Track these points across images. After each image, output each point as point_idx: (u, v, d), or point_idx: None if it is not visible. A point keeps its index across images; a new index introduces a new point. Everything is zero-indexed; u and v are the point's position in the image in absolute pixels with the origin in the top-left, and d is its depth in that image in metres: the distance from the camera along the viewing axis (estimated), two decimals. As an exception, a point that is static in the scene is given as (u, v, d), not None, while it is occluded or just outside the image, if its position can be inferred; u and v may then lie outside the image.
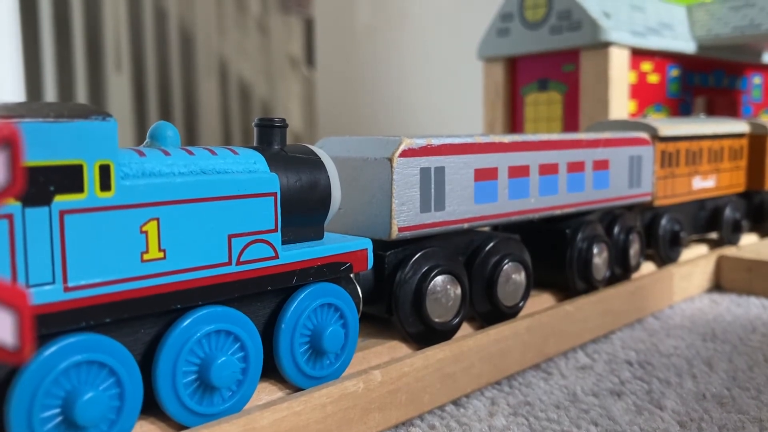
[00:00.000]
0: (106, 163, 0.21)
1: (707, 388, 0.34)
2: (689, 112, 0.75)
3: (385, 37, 1.42)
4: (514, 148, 0.37)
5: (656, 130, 0.48)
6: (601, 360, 0.38)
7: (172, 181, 0.23)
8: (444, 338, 0.33)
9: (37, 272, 0.20)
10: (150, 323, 0.23)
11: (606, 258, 0.42)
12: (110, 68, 1.46)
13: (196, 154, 0.25)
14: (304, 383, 0.27)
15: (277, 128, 0.28)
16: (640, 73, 0.69)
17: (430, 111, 1.31)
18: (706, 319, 0.46)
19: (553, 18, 0.66)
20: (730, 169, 0.57)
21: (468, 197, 0.34)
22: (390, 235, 0.31)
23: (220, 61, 1.65)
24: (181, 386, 0.23)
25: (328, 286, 0.28)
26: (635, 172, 0.46)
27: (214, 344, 0.24)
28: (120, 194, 0.21)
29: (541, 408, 0.32)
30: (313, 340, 0.27)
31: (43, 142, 0.20)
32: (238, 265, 0.25)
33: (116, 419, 0.22)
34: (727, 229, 0.56)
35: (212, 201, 0.24)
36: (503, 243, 0.36)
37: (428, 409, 0.31)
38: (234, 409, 0.25)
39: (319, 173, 0.28)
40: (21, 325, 0.15)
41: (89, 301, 0.21)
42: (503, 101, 0.73)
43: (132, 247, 0.22)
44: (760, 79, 0.83)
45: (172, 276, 0.23)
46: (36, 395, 0.20)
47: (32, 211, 0.20)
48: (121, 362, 0.22)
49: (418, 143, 0.32)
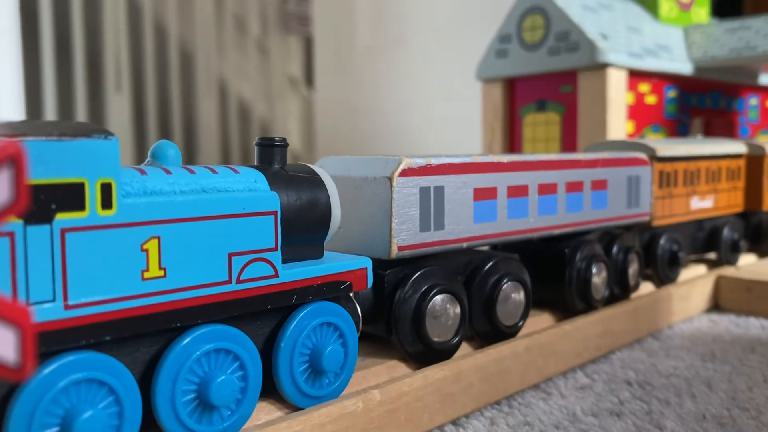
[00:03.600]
0: (108, 182, 0.21)
1: (707, 408, 0.34)
2: (686, 133, 0.75)
3: (384, 58, 1.43)
4: (513, 168, 0.37)
5: (654, 150, 0.48)
6: (601, 380, 0.38)
7: (173, 200, 0.23)
8: (443, 358, 0.33)
9: (38, 290, 0.20)
10: (150, 341, 0.23)
11: (605, 277, 0.42)
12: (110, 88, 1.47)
13: (197, 172, 0.25)
14: (303, 402, 0.27)
15: (277, 147, 0.28)
16: (638, 94, 0.69)
17: (429, 131, 1.32)
18: (705, 339, 0.46)
19: (551, 39, 0.67)
20: (728, 189, 0.57)
21: (467, 216, 0.34)
22: (390, 254, 0.31)
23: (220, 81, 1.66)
24: (180, 405, 0.23)
25: (328, 304, 0.28)
26: (633, 192, 0.46)
27: (214, 363, 0.24)
28: (121, 212, 0.22)
29: (541, 428, 0.32)
30: (312, 359, 0.27)
31: (45, 161, 0.20)
32: (238, 284, 0.25)
33: None
34: (725, 249, 0.56)
35: (213, 219, 0.24)
36: (502, 262, 0.36)
37: (427, 428, 0.31)
38: (233, 428, 0.25)
39: (319, 192, 0.28)
40: (23, 342, 0.15)
41: (89, 319, 0.21)
42: (501, 122, 0.74)
43: (133, 265, 0.22)
44: (756, 100, 0.84)
45: (172, 294, 0.23)
46: (35, 413, 0.20)
47: (34, 228, 0.20)
48: (121, 381, 0.22)
49: (417, 163, 0.32)
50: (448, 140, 1.26)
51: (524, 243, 0.41)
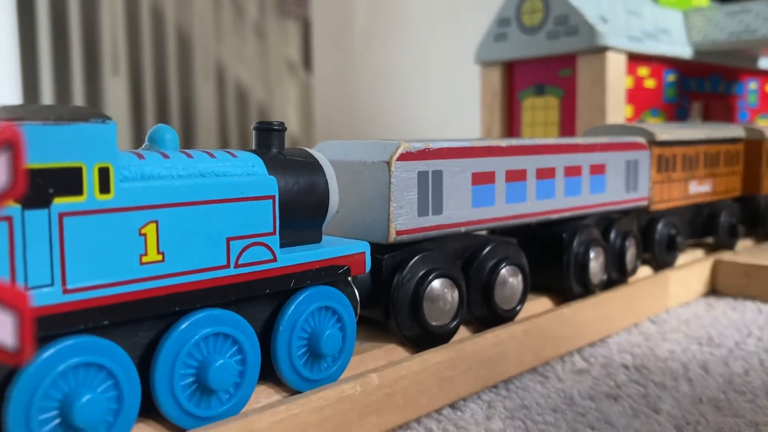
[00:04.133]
0: (106, 166, 0.21)
1: (703, 392, 0.34)
2: (686, 117, 0.75)
3: (382, 42, 1.42)
4: (512, 152, 0.37)
5: (653, 135, 0.48)
6: (598, 364, 0.38)
7: (171, 184, 0.23)
8: (441, 342, 0.33)
9: (36, 274, 0.20)
10: (148, 326, 0.24)
11: (602, 262, 0.42)
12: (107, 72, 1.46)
13: (194, 157, 0.25)
14: (301, 386, 0.27)
15: (275, 131, 0.28)
16: (637, 78, 0.69)
17: (428, 115, 1.32)
18: (702, 323, 0.46)
19: (550, 23, 0.66)
20: (727, 174, 0.58)
21: (465, 201, 0.34)
22: (388, 238, 0.31)
23: (218, 65, 1.65)
24: (179, 389, 0.23)
25: (326, 289, 0.28)
26: (632, 177, 0.46)
27: (212, 347, 0.24)
28: (119, 197, 0.22)
29: (538, 411, 0.32)
30: (310, 343, 0.27)
31: (42, 145, 0.20)
32: (236, 268, 0.25)
33: (114, 422, 0.22)
34: (723, 233, 0.56)
35: (211, 204, 0.24)
36: (500, 247, 0.37)
37: (425, 412, 0.31)
38: (232, 411, 0.25)
39: (317, 176, 0.28)
40: (21, 327, 0.15)
41: (88, 303, 0.21)
42: (500, 106, 0.74)
43: (131, 249, 0.22)
44: (755, 85, 0.84)
45: (170, 279, 0.23)
46: (34, 397, 0.20)
47: (31, 213, 0.20)
48: (120, 365, 0.22)
49: (416, 147, 0.32)
50: (446, 124, 1.26)
51: (522, 227, 0.41)
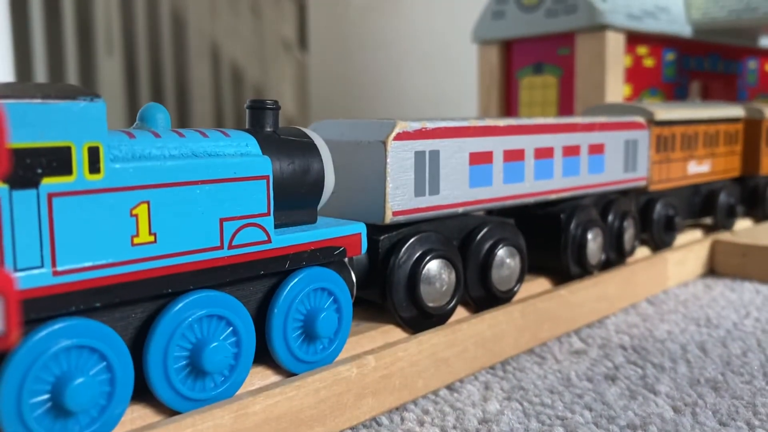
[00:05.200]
0: (95, 145, 0.21)
1: (701, 373, 0.34)
2: (685, 97, 0.74)
3: (378, 20, 1.41)
4: (510, 132, 0.37)
5: (652, 114, 0.48)
6: (595, 345, 0.38)
7: (163, 164, 0.22)
8: (438, 323, 0.33)
9: (25, 256, 0.20)
10: (141, 308, 0.23)
11: (600, 243, 0.42)
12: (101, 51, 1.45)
13: (186, 136, 0.24)
14: (296, 368, 0.27)
15: (269, 110, 0.27)
16: (636, 56, 0.68)
17: (424, 94, 1.31)
18: (699, 303, 0.46)
19: (548, 1, 0.66)
20: (726, 153, 0.57)
21: (463, 181, 0.34)
22: (384, 219, 0.31)
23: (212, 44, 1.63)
24: (172, 371, 0.23)
25: (322, 270, 0.27)
26: (630, 157, 0.46)
27: (206, 329, 0.24)
28: (109, 177, 0.21)
29: (535, 393, 0.32)
30: (306, 325, 0.27)
31: (29, 123, 0.19)
32: (230, 249, 0.24)
33: (107, 404, 0.22)
34: (721, 213, 0.56)
35: (204, 184, 0.23)
36: (498, 227, 0.36)
37: (422, 393, 0.31)
38: (226, 394, 0.25)
39: (312, 156, 0.28)
40: (7, 310, 0.15)
41: (79, 285, 0.21)
42: (498, 85, 0.73)
43: (122, 230, 0.22)
44: (755, 64, 0.83)
45: (163, 260, 0.23)
46: (25, 381, 0.20)
47: (19, 193, 0.19)
48: (112, 347, 0.22)
49: (412, 126, 0.31)
50: (443, 104, 1.25)
51: (519, 208, 0.41)
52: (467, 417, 0.29)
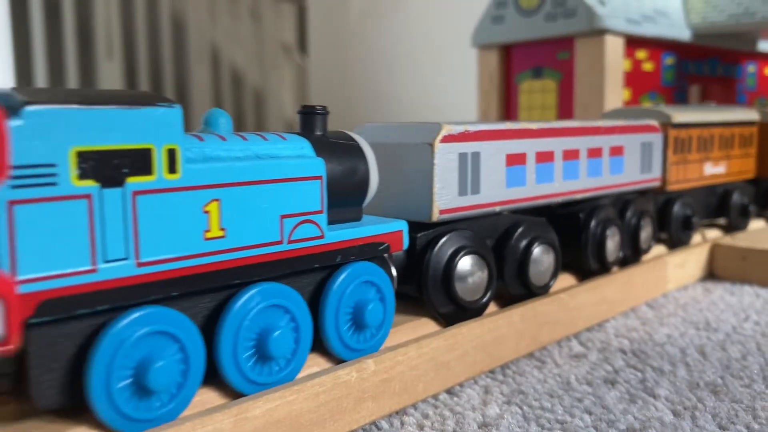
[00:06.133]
0: (173, 147, 0.22)
1: (701, 376, 0.34)
2: (684, 101, 0.75)
3: (378, 25, 1.41)
4: (542, 135, 0.38)
5: (670, 117, 0.50)
6: (595, 348, 0.38)
7: (232, 165, 0.24)
8: (472, 316, 0.34)
9: (113, 248, 0.21)
10: (208, 297, 0.25)
11: (618, 241, 0.44)
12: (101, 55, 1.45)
13: (249, 139, 0.26)
14: (347, 355, 0.29)
15: (319, 115, 0.29)
16: (635, 60, 0.68)
17: (424, 98, 1.31)
18: (699, 307, 0.46)
19: (548, 5, 0.66)
20: (740, 155, 0.59)
21: (500, 181, 0.36)
22: (431, 217, 0.32)
23: (212, 49, 1.63)
24: (242, 358, 0.25)
25: (368, 264, 0.29)
26: (646, 158, 0.47)
27: (270, 317, 0.26)
28: (185, 176, 0.23)
29: (535, 396, 0.32)
30: (355, 315, 0.29)
31: (116, 128, 0.21)
32: (289, 244, 0.26)
33: (182, 385, 0.23)
34: (735, 213, 0.57)
35: (266, 183, 0.25)
36: (532, 226, 0.38)
37: (422, 397, 0.31)
38: (288, 377, 0.27)
39: (358, 158, 0.30)
40: (7, 314, 0.15)
41: (158, 276, 0.23)
42: (497, 89, 0.73)
43: (196, 225, 0.23)
44: (754, 68, 0.83)
45: (231, 253, 0.24)
46: (113, 364, 0.22)
47: (108, 191, 0.21)
48: (186, 333, 0.23)
49: (456, 129, 0.33)
50: (443, 108, 1.25)
51: (542, 208, 0.42)
52: (467, 421, 0.29)
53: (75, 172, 0.20)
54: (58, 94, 0.21)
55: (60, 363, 0.21)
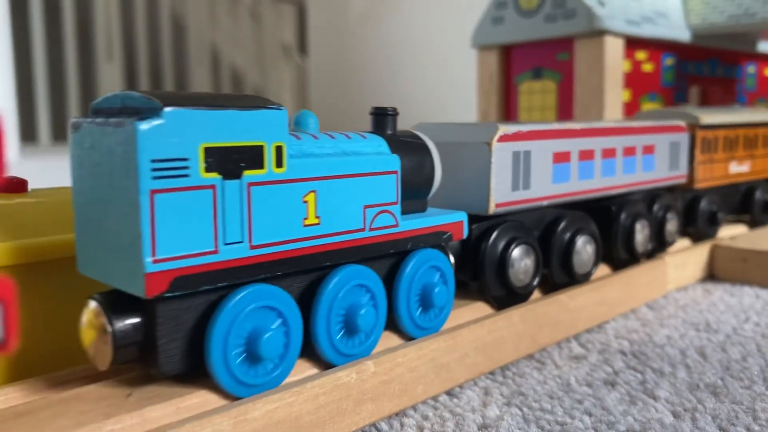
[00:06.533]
0: (280, 144, 0.25)
1: (701, 378, 0.34)
2: (684, 101, 0.75)
3: (378, 25, 1.41)
4: (584, 134, 0.41)
5: (698, 118, 0.52)
6: (595, 350, 0.38)
7: (325, 160, 0.27)
8: (521, 300, 0.37)
9: (231, 232, 0.24)
10: (300, 278, 0.28)
11: (648, 234, 0.47)
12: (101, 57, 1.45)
13: (336, 138, 0.29)
14: (416, 333, 0.32)
15: (390, 116, 0.32)
16: (635, 61, 0.68)
17: (423, 99, 1.31)
18: (699, 308, 0.46)
19: (547, 6, 0.66)
20: (764, 155, 0.61)
21: (547, 177, 0.39)
22: (488, 210, 0.36)
23: (212, 50, 1.63)
24: (334, 331, 0.28)
25: (433, 251, 0.32)
26: (674, 157, 0.50)
27: (356, 296, 0.29)
28: (289, 170, 0.26)
29: (535, 398, 0.32)
30: (423, 296, 0.32)
31: (236, 127, 0.24)
32: (370, 231, 0.29)
33: (284, 354, 0.26)
34: (757, 210, 0.60)
35: (353, 177, 0.28)
36: (575, 218, 0.41)
37: (422, 399, 0.31)
38: (368, 350, 0.29)
39: (425, 155, 0.33)
40: (6, 317, 0.15)
41: (267, 257, 0.26)
42: (497, 90, 0.73)
43: (297, 213, 0.26)
44: (754, 68, 0.83)
45: (324, 239, 0.28)
46: (230, 334, 0.24)
47: (229, 183, 0.24)
48: (289, 308, 0.26)
49: (511, 130, 0.36)
50: (442, 108, 1.25)
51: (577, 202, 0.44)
52: (467, 423, 0.29)
53: (203, 165, 0.23)
54: (188, 97, 0.23)
55: (182, 333, 0.24)
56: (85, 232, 0.25)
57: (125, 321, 0.24)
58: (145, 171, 0.22)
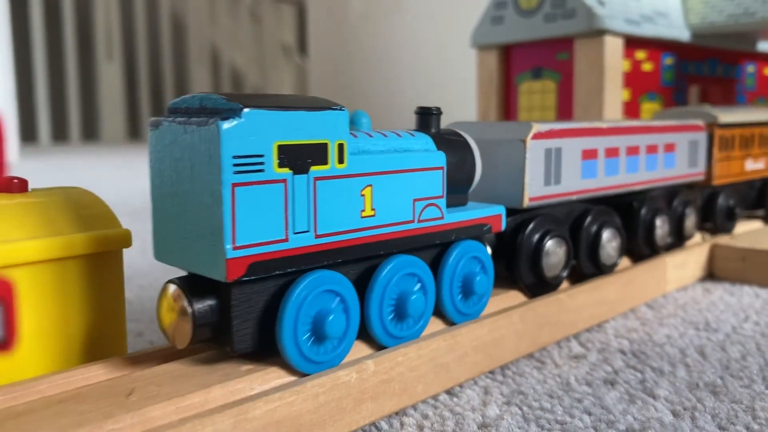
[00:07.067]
0: (342, 142, 0.27)
1: (700, 377, 0.34)
2: (683, 101, 0.75)
3: (378, 25, 1.41)
4: (610, 133, 0.44)
5: (716, 118, 0.55)
6: (595, 349, 0.38)
7: (380, 157, 0.29)
8: (552, 289, 0.40)
9: (300, 222, 0.26)
10: (356, 265, 0.30)
11: (668, 228, 0.49)
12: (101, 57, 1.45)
13: (388, 136, 0.31)
14: (458, 319, 0.34)
15: (434, 115, 0.34)
16: (634, 61, 0.68)
17: (423, 99, 1.31)
18: (699, 307, 0.46)
19: (547, 6, 0.66)
20: None
21: (577, 174, 0.41)
22: (522, 204, 0.38)
23: (212, 50, 1.63)
24: (386, 315, 0.30)
25: (474, 242, 0.34)
26: (693, 154, 0.52)
27: (406, 283, 0.31)
28: (349, 166, 0.28)
29: (535, 397, 0.32)
30: (464, 285, 0.34)
31: (304, 126, 0.26)
32: (419, 223, 0.31)
33: (344, 335, 0.28)
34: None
35: (404, 172, 0.30)
36: (600, 212, 0.43)
37: (422, 398, 0.31)
38: (417, 333, 0.32)
39: (467, 152, 0.34)
40: (6, 317, 0.15)
41: (330, 245, 0.28)
42: (497, 90, 0.73)
43: (355, 206, 0.28)
44: (753, 68, 0.83)
45: (379, 229, 0.30)
46: (299, 315, 0.27)
47: (298, 177, 0.26)
48: (349, 293, 0.28)
49: (544, 128, 0.38)
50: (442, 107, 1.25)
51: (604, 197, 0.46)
52: (467, 422, 0.29)
53: (276, 161, 0.25)
54: (263, 99, 0.25)
55: (253, 314, 0.26)
56: (162, 223, 0.27)
57: (203, 303, 0.26)
58: (227, 166, 0.24)
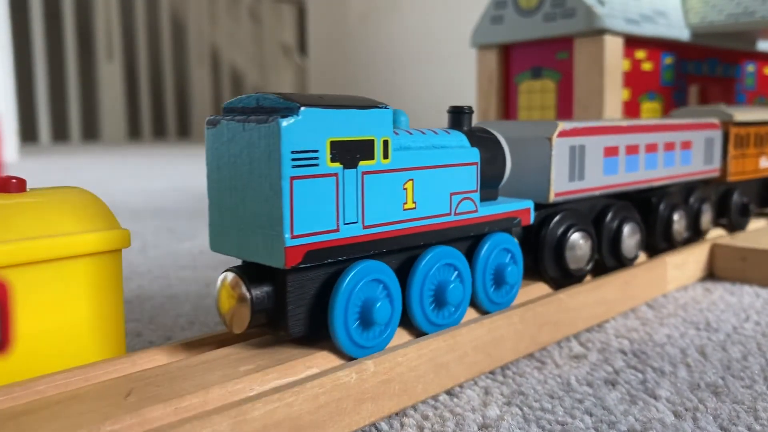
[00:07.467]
0: (386, 139, 0.29)
1: (701, 377, 0.34)
2: (683, 100, 0.74)
3: (377, 25, 1.41)
4: (630, 130, 0.45)
5: (732, 116, 0.56)
6: (595, 349, 0.38)
7: (421, 153, 0.31)
8: (576, 281, 0.41)
9: (349, 214, 0.28)
10: (398, 255, 0.32)
11: (685, 223, 0.50)
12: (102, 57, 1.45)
13: (426, 134, 0.33)
14: (491, 308, 0.36)
15: (466, 114, 0.35)
16: (634, 60, 0.68)
17: (423, 98, 1.31)
18: (699, 307, 0.46)
19: (547, 5, 0.66)
20: None
21: (599, 170, 0.43)
22: (548, 199, 0.39)
23: (212, 50, 1.63)
24: (426, 303, 0.32)
25: (504, 235, 0.36)
26: (709, 152, 0.54)
27: (445, 273, 0.32)
28: (393, 161, 0.30)
29: (535, 398, 0.32)
30: (496, 275, 0.35)
31: (354, 124, 0.28)
32: (455, 215, 0.33)
33: (389, 322, 0.30)
34: None
35: (442, 168, 0.32)
36: (621, 208, 0.45)
37: (422, 398, 0.31)
38: (456, 321, 0.33)
39: (498, 149, 0.36)
40: (2, 317, 0.15)
41: (376, 236, 0.29)
42: (496, 89, 0.73)
43: (398, 199, 0.30)
44: (753, 67, 0.83)
45: (420, 221, 0.31)
46: (350, 302, 0.28)
47: (348, 171, 0.28)
48: (392, 281, 0.30)
49: (568, 126, 0.40)
50: (441, 108, 1.25)
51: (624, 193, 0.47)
52: (467, 422, 0.29)
53: (329, 156, 0.27)
54: (316, 98, 0.27)
55: (306, 300, 0.28)
56: (219, 215, 0.29)
57: (260, 289, 0.27)
58: (286, 160, 0.25)
